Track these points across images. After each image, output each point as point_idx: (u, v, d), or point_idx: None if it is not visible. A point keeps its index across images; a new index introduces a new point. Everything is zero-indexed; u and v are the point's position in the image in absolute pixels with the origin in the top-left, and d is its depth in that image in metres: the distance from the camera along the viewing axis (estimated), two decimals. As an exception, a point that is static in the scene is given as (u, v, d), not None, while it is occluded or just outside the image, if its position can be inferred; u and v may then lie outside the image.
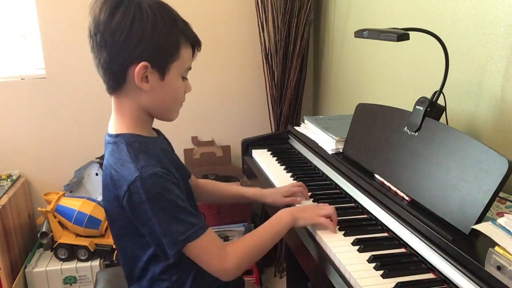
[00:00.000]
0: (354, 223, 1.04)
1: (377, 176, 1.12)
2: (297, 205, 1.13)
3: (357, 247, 0.93)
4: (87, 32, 0.90)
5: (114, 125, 0.96)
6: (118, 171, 0.89)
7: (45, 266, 2.00)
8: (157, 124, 1.02)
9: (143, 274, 0.99)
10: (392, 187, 1.05)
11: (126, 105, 0.94)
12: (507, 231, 0.74)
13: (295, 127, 1.59)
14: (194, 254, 0.91)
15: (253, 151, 1.59)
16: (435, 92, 1.06)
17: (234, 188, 1.28)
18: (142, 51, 0.88)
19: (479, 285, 0.73)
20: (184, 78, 0.97)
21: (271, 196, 1.20)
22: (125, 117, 0.95)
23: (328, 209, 1.02)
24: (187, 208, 0.90)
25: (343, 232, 1.00)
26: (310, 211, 1.02)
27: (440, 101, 1.06)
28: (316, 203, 1.13)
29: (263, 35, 2.16)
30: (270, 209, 1.25)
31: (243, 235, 2.03)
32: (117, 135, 0.94)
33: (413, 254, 0.90)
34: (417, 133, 1.02)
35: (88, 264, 2.02)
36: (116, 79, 0.91)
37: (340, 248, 0.94)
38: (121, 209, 0.91)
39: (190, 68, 0.98)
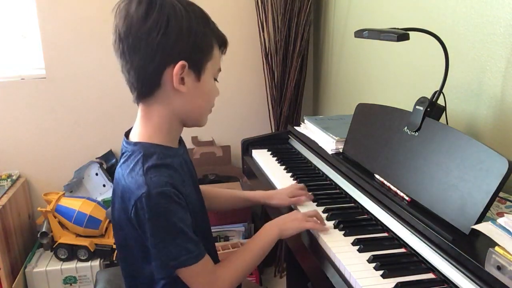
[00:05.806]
0: (354, 223, 1.04)
1: (377, 176, 1.12)
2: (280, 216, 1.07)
3: (357, 247, 0.93)
4: (114, 36, 0.85)
5: (135, 134, 0.92)
6: (126, 182, 0.86)
7: (45, 266, 2.00)
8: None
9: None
10: (392, 187, 1.04)
11: (156, 112, 0.90)
12: (507, 231, 0.74)
13: (295, 127, 1.59)
14: (184, 277, 0.89)
15: (253, 151, 1.59)
16: (435, 92, 1.06)
17: (238, 192, 1.27)
18: (180, 51, 0.84)
19: (479, 285, 0.73)
20: (215, 80, 0.95)
21: (276, 197, 1.19)
22: (151, 126, 0.91)
23: (311, 211, 1.02)
24: (189, 233, 0.86)
25: (343, 232, 1.00)
26: (294, 218, 1.02)
27: (440, 101, 1.06)
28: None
29: (263, 35, 2.16)
30: (271, 211, 1.25)
31: (243, 236, 2.07)
32: (136, 143, 0.90)
33: (413, 254, 0.90)
34: (417, 133, 1.02)
35: (88, 264, 2.02)
36: (149, 84, 0.87)
37: (340, 248, 0.94)
38: (128, 221, 0.88)
39: (220, 70, 0.95)
